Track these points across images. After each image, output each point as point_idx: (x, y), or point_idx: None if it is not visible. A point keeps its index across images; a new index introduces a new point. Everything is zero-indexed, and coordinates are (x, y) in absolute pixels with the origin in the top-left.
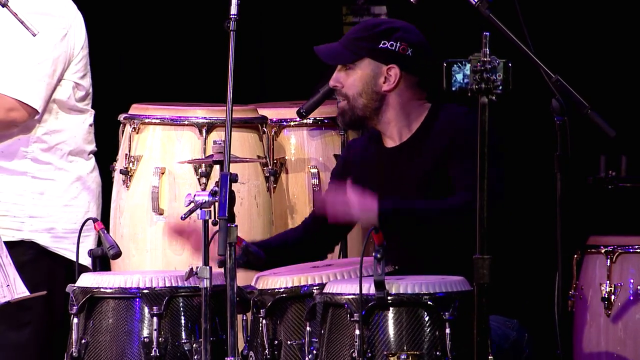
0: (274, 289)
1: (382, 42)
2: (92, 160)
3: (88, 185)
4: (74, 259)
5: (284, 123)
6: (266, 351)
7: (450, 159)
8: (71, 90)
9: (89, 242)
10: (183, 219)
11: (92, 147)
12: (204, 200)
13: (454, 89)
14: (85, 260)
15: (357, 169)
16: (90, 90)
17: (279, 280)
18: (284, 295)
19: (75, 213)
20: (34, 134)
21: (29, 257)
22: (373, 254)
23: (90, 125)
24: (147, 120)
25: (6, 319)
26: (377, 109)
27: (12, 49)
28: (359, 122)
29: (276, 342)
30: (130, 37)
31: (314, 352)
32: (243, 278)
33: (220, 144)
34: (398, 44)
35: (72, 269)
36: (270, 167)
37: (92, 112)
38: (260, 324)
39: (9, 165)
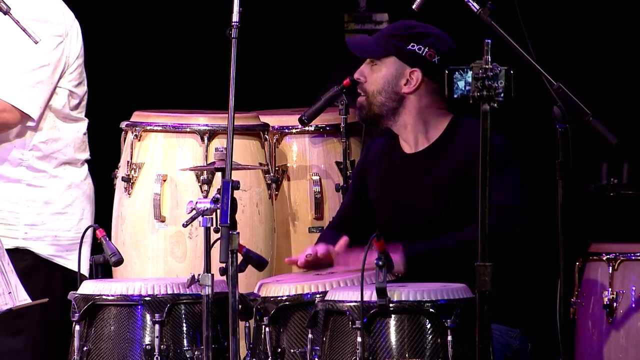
0: (277, 297)
1: (412, 44)
2: (85, 168)
3: (82, 192)
4: (70, 266)
5: (286, 130)
6: (269, 359)
7: (472, 177)
8: (66, 99)
9: (85, 250)
10: (185, 226)
11: (86, 155)
12: (205, 208)
13: (455, 96)
14: (83, 268)
15: (375, 171)
16: (85, 98)
17: (282, 287)
18: (287, 303)
19: (70, 220)
20: (31, 141)
21: (25, 265)
22: (375, 261)
23: (84, 134)
24: (149, 128)
25: (2, 326)
26: (394, 109)
27: (8, 54)
28: (375, 120)
29: (279, 349)
30: (132, 45)
31: (316, 359)
32: (246, 285)
33: (222, 151)
34: (426, 50)
35: (69, 277)
36: (272, 174)
37: (86, 120)
38: (263, 332)
39: (5, 172)
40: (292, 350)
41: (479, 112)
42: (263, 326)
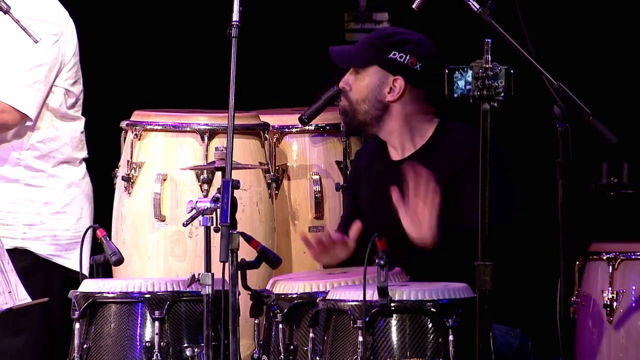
0: (288, 295)
1: (393, 52)
2: (83, 166)
3: (80, 191)
4: (69, 266)
5: (286, 129)
6: (281, 356)
7: (463, 181)
8: (63, 97)
9: (84, 249)
10: (185, 225)
11: (84, 154)
12: (205, 207)
13: (455, 95)
14: (83, 268)
15: (365, 179)
16: (81, 97)
17: (296, 285)
18: (300, 301)
19: (69, 220)
20: (28, 141)
21: (24, 265)
22: (376, 260)
23: (82, 132)
24: (149, 127)
25: (2, 326)
26: (378, 117)
27: (4, 54)
28: (358, 127)
29: (292, 347)
30: (131, 44)
31: (317, 359)
32: (259, 282)
33: (222, 150)
34: (407, 57)
35: (68, 276)
36: (272, 173)
37: (84, 119)
38: (276, 329)
39: (2, 173)
40: (304, 348)
41: (466, 116)
42: (276, 323)
